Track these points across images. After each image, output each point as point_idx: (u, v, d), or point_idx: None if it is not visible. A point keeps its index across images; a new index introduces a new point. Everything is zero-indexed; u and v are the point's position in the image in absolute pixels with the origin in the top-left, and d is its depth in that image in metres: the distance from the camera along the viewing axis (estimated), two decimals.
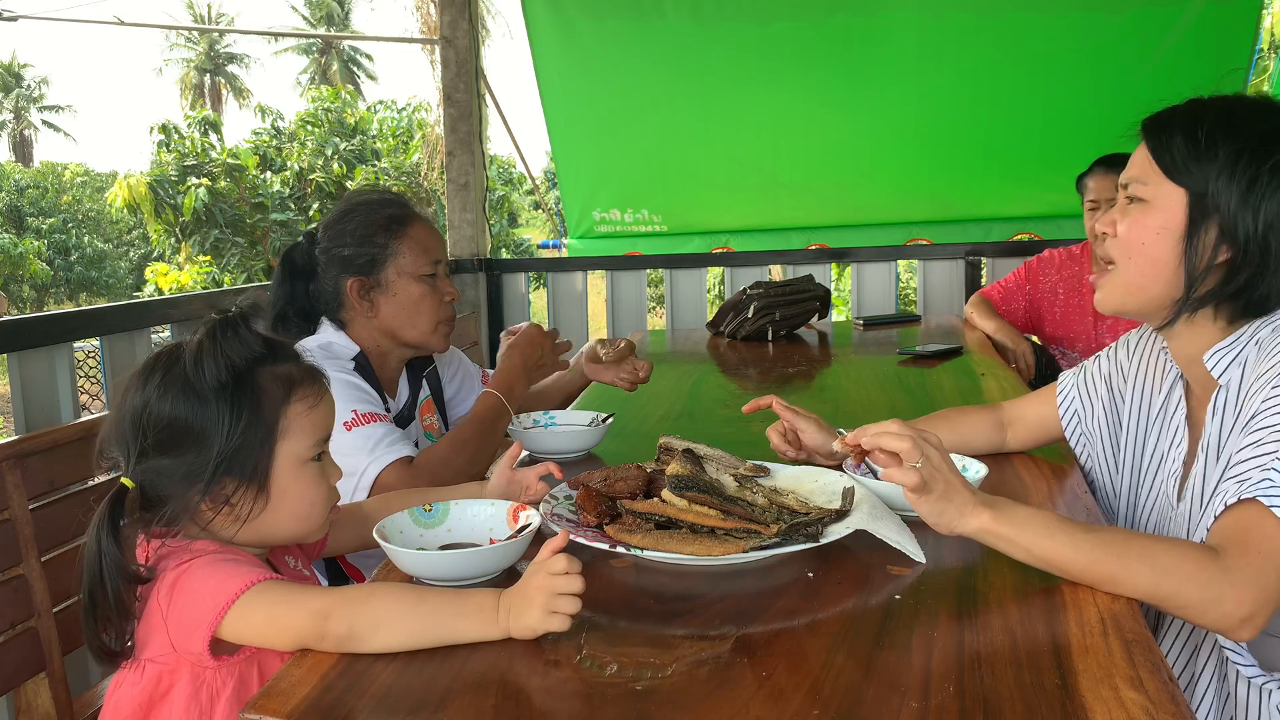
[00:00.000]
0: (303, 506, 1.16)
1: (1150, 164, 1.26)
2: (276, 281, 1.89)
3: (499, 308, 4.33)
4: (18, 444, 1.49)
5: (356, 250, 1.82)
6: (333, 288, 1.84)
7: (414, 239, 1.85)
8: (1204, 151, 1.22)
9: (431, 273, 1.86)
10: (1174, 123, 1.26)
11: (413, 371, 1.99)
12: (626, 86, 4.37)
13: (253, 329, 1.16)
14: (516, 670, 0.92)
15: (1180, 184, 1.23)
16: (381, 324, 1.84)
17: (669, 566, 1.14)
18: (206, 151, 21.56)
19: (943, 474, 1.10)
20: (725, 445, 1.45)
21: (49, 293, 26.57)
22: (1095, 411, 1.51)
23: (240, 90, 43.09)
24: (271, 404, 1.14)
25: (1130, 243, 1.27)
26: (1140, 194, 1.27)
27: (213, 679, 1.07)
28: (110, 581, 1.07)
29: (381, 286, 1.83)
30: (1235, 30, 3.97)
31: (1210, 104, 1.27)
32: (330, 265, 1.84)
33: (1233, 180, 1.19)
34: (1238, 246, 1.20)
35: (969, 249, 4.13)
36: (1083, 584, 1.06)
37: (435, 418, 2.04)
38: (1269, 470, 1.05)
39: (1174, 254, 1.24)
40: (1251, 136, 1.20)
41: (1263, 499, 1.04)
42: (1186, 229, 1.23)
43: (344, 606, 0.97)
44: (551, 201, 11.22)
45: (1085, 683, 0.85)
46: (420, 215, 1.90)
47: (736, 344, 3.03)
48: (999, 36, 4.09)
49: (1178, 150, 1.24)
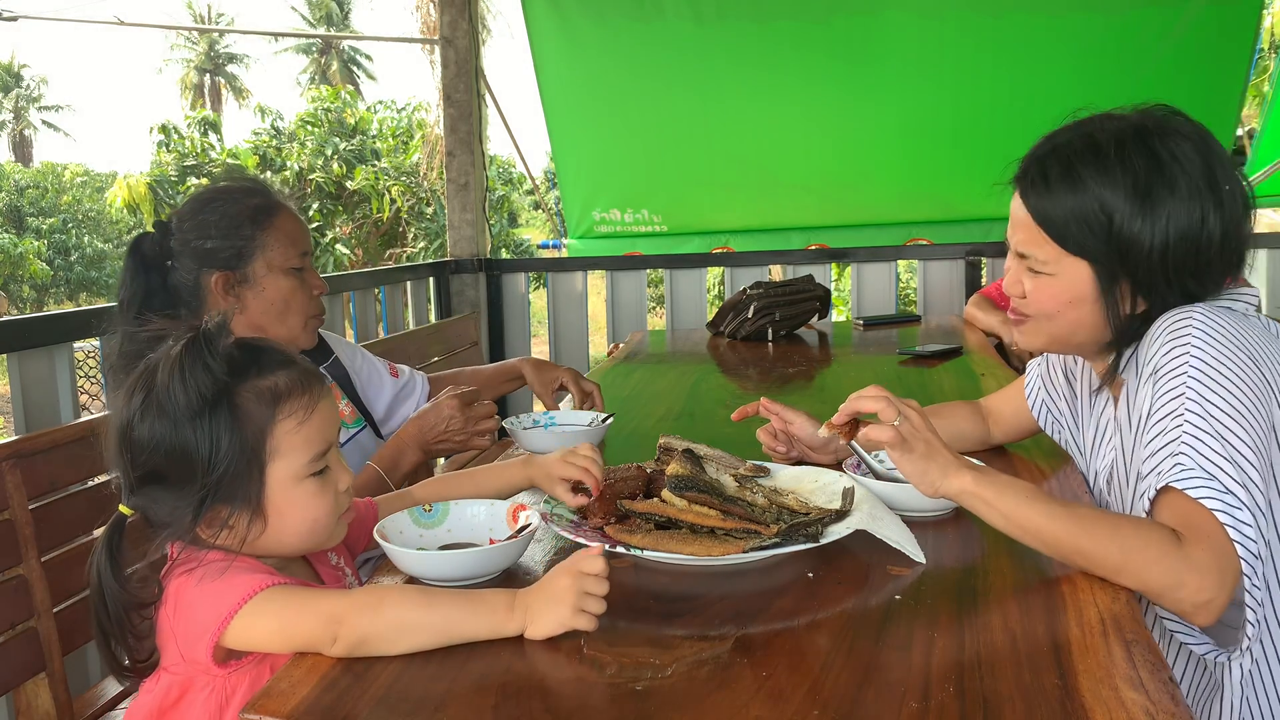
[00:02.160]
0: (304, 524, 1.11)
1: (1043, 237, 1.26)
2: (129, 275, 1.71)
3: (499, 308, 4.33)
4: (18, 444, 1.49)
5: (220, 243, 1.69)
6: (192, 282, 1.69)
7: (281, 230, 1.74)
8: (1093, 218, 1.21)
9: (300, 265, 1.76)
10: (1052, 184, 1.24)
11: None
12: (626, 86, 4.38)
13: (219, 349, 1.07)
14: (516, 670, 0.92)
15: (1083, 257, 1.24)
16: (249, 320, 1.72)
17: (669, 566, 1.14)
18: (206, 151, 21.55)
19: (923, 435, 1.15)
20: (725, 445, 1.45)
21: (49, 293, 26.57)
22: (1059, 399, 1.54)
23: (240, 90, 43.10)
24: (255, 426, 1.06)
25: (1045, 310, 1.29)
26: (1041, 269, 1.27)
27: (224, 685, 1.06)
28: (114, 609, 1.06)
29: (249, 281, 1.71)
30: (1235, 30, 3.97)
31: (1078, 146, 1.24)
32: (188, 258, 1.69)
33: (1132, 236, 1.19)
34: (1155, 295, 1.22)
35: (969, 249, 4.14)
36: (1054, 556, 1.09)
37: (345, 403, 1.95)
38: (1178, 456, 1.07)
39: (1093, 313, 1.26)
40: (1131, 181, 1.20)
41: (1177, 485, 1.06)
42: (1100, 293, 1.24)
43: (356, 613, 0.96)
44: (551, 201, 11.21)
45: (1085, 683, 0.85)
46: (285, 205, 1.79)
47: (736, 344, 3.03)
48: (999, 36, 4.09)
49: (1068, 220, 1.23)
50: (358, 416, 1.99)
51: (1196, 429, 1.08)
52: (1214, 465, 1.05)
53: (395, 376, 2.13)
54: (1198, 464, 1.06)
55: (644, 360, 2.84)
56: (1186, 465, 1.06)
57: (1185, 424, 1.09)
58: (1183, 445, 1.08)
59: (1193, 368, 1.12)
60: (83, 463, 1.57)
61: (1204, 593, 1.01)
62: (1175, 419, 1.10)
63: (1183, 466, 1.06)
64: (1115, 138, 1.23)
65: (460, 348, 3.51)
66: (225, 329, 1.10)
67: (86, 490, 1.59)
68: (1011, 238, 1.32)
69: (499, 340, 4.35)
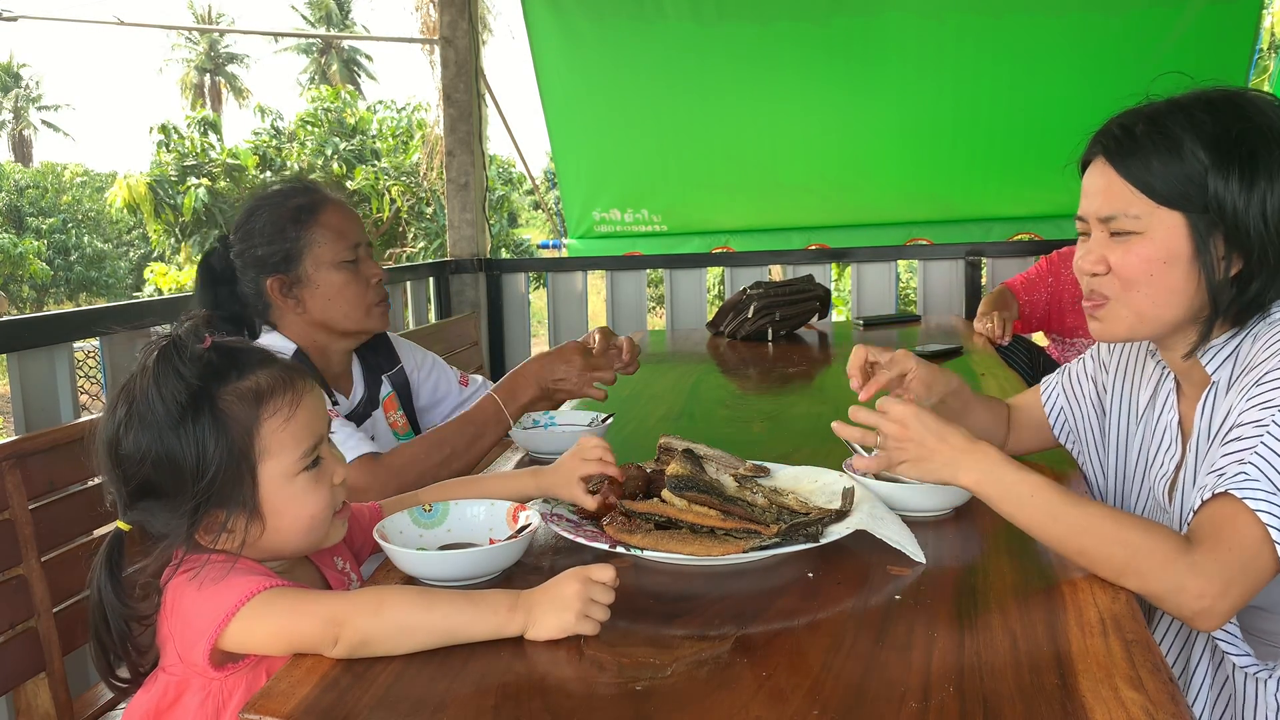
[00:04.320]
0: (302, 521, 1.10)
1: (1131, 192, 1.19)
2: (198, 289, 1.79)
3: (499, 308, 4.33)
4: (18, 444, 1.49)
5: (270, 249, 1.73)
6: (254, 290, 1.75)
7: (326, 226, 1.75)
8: (1188, 166, 1.15)
9: (352, 258, 1.77)
10: (1140, 140, 1.19)
11: (370, 369, 1.92)
12: (626, 86, 4.38)
13: (193, 354, 1.06)
14: (516, 671, 0.92)
15: (1176, 208, 1.17)
16: (312, 318, 1.76)
17: (669, 566, 1.14)
18: (206, 151, 21.57)
19: (912, 441, 1.14)
20: (725, 445, 1.45)
21: (49, 293, 26.57)
22: (1083, 413, 1.50)
23: (240, 90, 43.09)
24: (241, 427, 1.05)
25: (1135, 276, 1.20)
26: (1130, 227, 1.19)
27: (220, 688, 1.06)
28: (115, 625, 1.06)
29: (302, 281, 1.74)
30: (1235, 30, 3.97)
31: (1163, 109, 1.20)
32: (247, 268, 1.75)
33: (1228, 187, 1.14)
34: (1249, 252, 1.15)
35: (969, 249, 4.14)
36: (1060, 554, 1.09)
37: (399, 414, 1.97)
38: (1245, 464, 1.05)
39: (1187, 279, 1.18)
40: (1222, 133, 1.15)
41: (1236, 492, 1.03)
42: (1194, 251, 1.17)
43: (357, 614, 0.96)
44: (551, 201, 11.22)
45: (1085, 683, 0.85)
46: (331, 198, 1.80)
47: (736, 344, 3.03)
48: (999, 37, 4.09)
49: (1160, 172, 1.17)
50: (409, 430, 1.99)
51: (1276, 441, 1.04)
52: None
53: (465, 385, 2.12)
54: (1265, 475, 1.03)
55: (644, 360, 2.84)
56: (1251, 475, 1.03)
57: (1267, 434, 1.05)
58: (1255, 455, 1.04)
59: None
60: (82, 463, 1.57)
61: (1204, 599, 1.00)
62: (1257, 428, 1.06)
63: (1247, 476, 1.03)
64: (1197, 98, 1.19)
65: (460, 348, 3.51)
66: (199, 333, 1.08)
67: (86, 490, 1.58)
68: (1089, 209, 1.24)
69: (499, 340, 4.35)
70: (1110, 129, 1.23)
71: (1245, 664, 1.13)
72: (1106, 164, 1.22)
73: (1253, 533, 1.01)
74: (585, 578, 0.98)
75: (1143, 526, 1.05)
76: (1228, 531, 1.02)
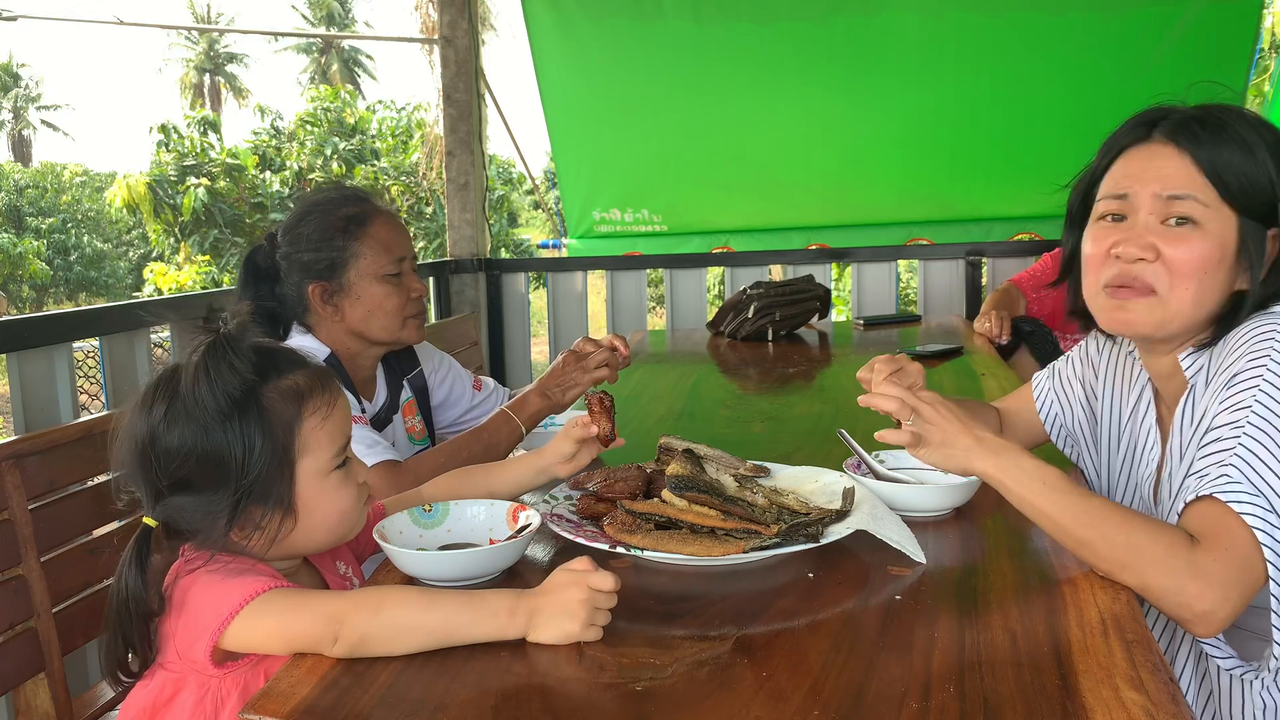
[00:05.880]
0: (333, 517, 1.13)
1: (1203, 179, 1.18)
2: (240, 286, 1.82)
3: (499, 308, 4.33)
4: (17, 444, 1.49)
5: (315, 255, 1.76)
6: (296, 293, 1.78)
7: (374, 239, 1.78)
8: (1260, 169, 1.17)
9: (396, 271, 1.80)
10: (1213, 131, 1.18)
11: (392, 373, 1.95)
12: (626, 86, 4.38)
13: (244, 350, 1.09)
14: (516, 671, 0.92)
15: (1236, 208, 1.18)
16: (349, 327, 1.79)
17: (669, 567, 1.14)
18: (206, 151, 21.55)
19: (937, 425, 1.15)
20: (725, 445, 1.45)
21: (49, 293, 26.57)
22: (1074, 411, 1.52)
23: (240, 90, 43.08)
24: (284, 425, 1.09)
25: (1189, 274, 1.18)
26: (1195, 214, 1.18)
27: (218, 687, 1.06)
28: (137, 622, 1.06)
29: (344, 290, 1.77)
30: (1235, 30, 3.97)
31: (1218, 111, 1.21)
32: (291, 270, 1.78)
33: None
34: None
35: (969, 249, 4.14)
36: (1062, 544, 1.10)
37: (417, 419, 1.99)
38: (1226, 466, 1.05)
39: (1226, 283, 1.20)
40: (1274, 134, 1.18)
41: (1220, 496, 1.04)
42: (1236, 255, 1.19)
43: (357, 613, 0.96)
44: (551, 201, 11.22)
45: (1085, 683, 0.85)
46: (381, 210, 1.83)
47: (736, 344, 3.03)
48: (999, 36, 4.09)
49: (1236, 167, 1.17)
50: (425, 435, 2.00)
51: (1254, 442, 1.06)
52: (1264, 483, 1.03)
53: (478, 390, 2.14)
54: (1246, 478, 1.04)
55: (644, 360, 2.84)
56: (1234, 478, 1.04)
57: (1244, 436, 1.06)
58: (1235, 458, 1.05)
59: (1266, 381, 1.09)
60: (82, 463, 1.57)
61: (1204, 602, 1.00)
62: (1233, 429, 1.08)
63: (1230, 479, 1.04)
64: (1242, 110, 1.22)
65: (460, 347, 3.50)
66: (246, 331, 1.11)
67: (86, 490, 1.58)
68: (1145, 187, 1.21)
69: (499, 340, 4.35)
70: (1171, 115, 1.22)
71: (1230, 666, 1.13)
72: (1172, 145, 1.20)
73: (1243, 537, 1.02)
74: (589, 586, 0.97)
75: (1147, 524, 1.05)
76: (1221, 534, 1.02)
